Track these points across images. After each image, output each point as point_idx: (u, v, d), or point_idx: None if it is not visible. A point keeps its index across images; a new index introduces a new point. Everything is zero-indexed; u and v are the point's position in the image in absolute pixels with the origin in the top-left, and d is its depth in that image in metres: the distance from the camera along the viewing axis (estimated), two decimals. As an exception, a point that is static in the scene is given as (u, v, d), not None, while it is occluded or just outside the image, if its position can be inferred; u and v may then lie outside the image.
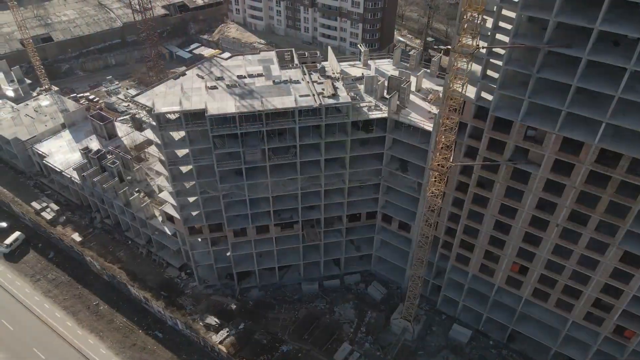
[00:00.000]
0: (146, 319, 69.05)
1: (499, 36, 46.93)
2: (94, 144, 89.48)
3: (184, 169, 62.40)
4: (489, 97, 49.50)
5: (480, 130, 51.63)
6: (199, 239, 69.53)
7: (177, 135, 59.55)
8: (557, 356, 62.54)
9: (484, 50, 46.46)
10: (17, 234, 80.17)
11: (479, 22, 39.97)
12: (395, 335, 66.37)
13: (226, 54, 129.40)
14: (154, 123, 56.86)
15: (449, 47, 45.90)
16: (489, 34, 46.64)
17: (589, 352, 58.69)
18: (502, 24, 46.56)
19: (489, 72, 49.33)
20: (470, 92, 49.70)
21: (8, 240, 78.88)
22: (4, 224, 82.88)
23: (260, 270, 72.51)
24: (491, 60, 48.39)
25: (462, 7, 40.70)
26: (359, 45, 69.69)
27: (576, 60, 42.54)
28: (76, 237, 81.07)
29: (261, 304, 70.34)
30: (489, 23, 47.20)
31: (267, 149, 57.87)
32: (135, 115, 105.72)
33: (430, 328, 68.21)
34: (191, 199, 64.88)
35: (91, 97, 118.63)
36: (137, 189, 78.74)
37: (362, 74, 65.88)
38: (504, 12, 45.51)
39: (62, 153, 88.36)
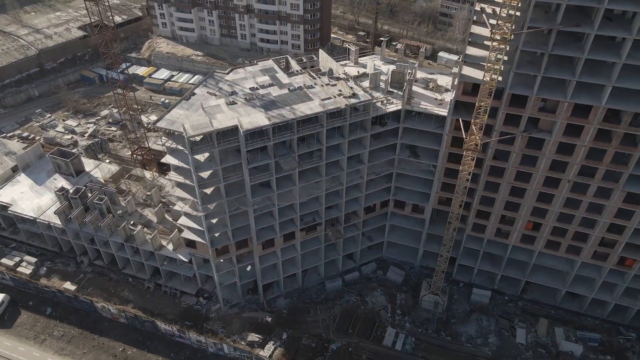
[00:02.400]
0: (183, 352, 66.01)
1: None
2: (62, 183, 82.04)
3: (207, 190, 60.65)
4: (499, 79, 55.14)
5: (493, 109, 57.22)
6: (221, 260, 67.86)
7: (200, 156, 57.86)
8: (566, 295, 71.31)
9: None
10: (0, 296, 71.38)
11: (514, 13, 44.88)
12: (428, 310, 70.76)
13: (192, 78, 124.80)
14: (181, 147, 54.81)
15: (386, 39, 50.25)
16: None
17: (595, 286, 67.90)
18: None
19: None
20: (480, 75, 55.05)
21: (-9, 306, 70.21)
22: (-22, 290, 73.45)
23: (282, 278, 72.68)
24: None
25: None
26: (347, 46, 72.28)
27: (577, 37, 49.57)
28: (69, 286, 74.24)
29: (295, 310, 70.72)
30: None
31: (297, 155, 58.55)
32: (91, 146, 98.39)
33: (453, 297, 73.66)
34: (214, 220, 63.16)
35: (25, 134, 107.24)
36: (132, 222, 74.27)
37: (358, 71, 68.74)
38: None
39: (27, 199, 79.76)
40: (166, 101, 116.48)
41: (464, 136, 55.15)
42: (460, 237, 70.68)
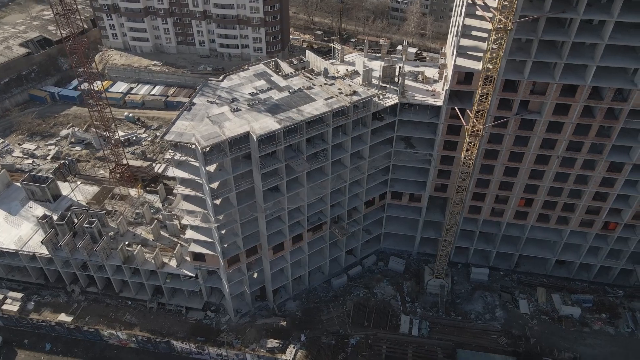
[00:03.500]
0: (203, 368, 64.46)
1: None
2: (39, 211, 77.13)
3: (217, 200, 59.50)
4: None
5: (485, 95, 60.34)
6: (229, 270, 66.77)
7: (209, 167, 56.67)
8: (555, 264, 76.41)
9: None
10: (-9, 338, 66.29)
11: (515, 4, 47.77)
12: (434, 294, 73.37)
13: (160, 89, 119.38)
14: (192, 159, 53.51)
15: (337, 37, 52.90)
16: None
17: (582, 252, 73.32)
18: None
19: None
20: (473, 65, 58.15)
21: (-20, 350, 64.95)
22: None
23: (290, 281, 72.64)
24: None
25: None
26: (333, 45, 73.04)
27: (560, 23, 53.74)
28: (64, 317, 70.08)
29: (308, 311, 70.93)
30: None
31: (306, 156, 58.81)
32: (57, 168, 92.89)
33: (453, 279, 76.82)
34: (223, 230, 62.07)
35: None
36: (126, 243, 71.28)
37: (347, 69, 69.86)
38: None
39: (4, 231, 74.26)
40: (130, 115, 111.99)
41: (465, 123, 57.85)
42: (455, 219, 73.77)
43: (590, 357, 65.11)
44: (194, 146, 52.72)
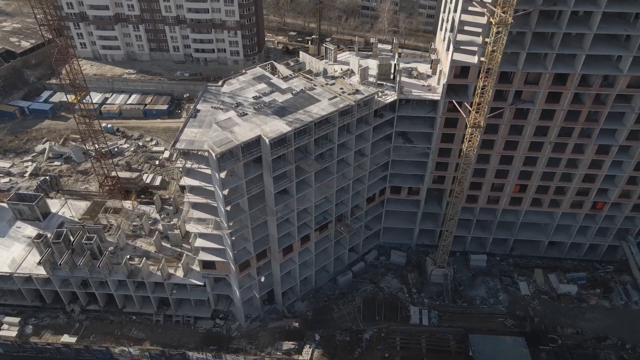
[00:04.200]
0: (221, 377, 63.75)
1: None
2: (29, 230, 74.13)
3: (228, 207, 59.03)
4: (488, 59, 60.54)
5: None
6: (241, 276, 66.33)
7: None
8: (547, 245, 79.93)
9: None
10: (-7, 367, 63.22)
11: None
12: (438, 284, 75.30)
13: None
14: (204, 167, 52.94)
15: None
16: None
17: (572, 232, 77.15)
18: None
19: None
20: (469, 59, 60.31)
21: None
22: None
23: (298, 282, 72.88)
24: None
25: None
26: (325, 45, 73.45)
27: (548, 15, 56.74)
28: (67, 339, 67.67)
29: (318, 311, 71.35)
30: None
31: (314, 156, 59.21)
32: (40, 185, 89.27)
33: (454, 267, 79.04)
34: (234, 236, 61.60)
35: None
36: (127, 256, 69.50)
37: (341, 68, 70.66)
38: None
39: (-6, 254, 70.92)
40: (108, 126, 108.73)
41: (465, 115, 59.80)
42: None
43: (590, 331, 68.62)
44: (206, 153, 52.16)
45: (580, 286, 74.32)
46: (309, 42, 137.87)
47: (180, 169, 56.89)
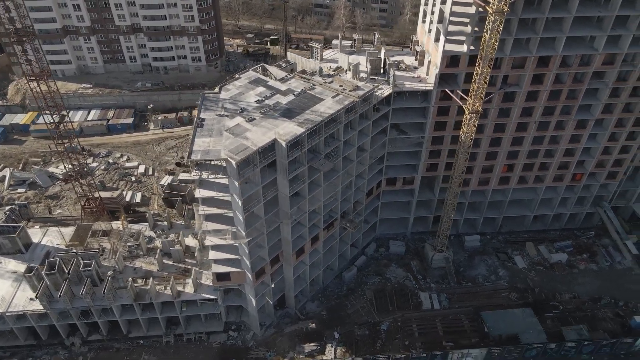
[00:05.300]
0: (248, 389, 62.33)
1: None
2: (12, 265, 68.67)
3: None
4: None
5: (470, 74, 65.07)
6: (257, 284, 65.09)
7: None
8: (532, 219, 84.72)
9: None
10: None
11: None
12: (440, 268, 77.70)
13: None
14: (221, 176, 51.52)
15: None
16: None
17: (554, 204, 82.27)
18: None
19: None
20: (460, 49, 62.69)
21: None
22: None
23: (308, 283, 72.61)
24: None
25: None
26: (312, 44, 73.20)
27: (529, 2, 60.22)
28: (73, 374, 63.58)
29: (332, 309, 71.48)
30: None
31: (323, 155, 59.19)
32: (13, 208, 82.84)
33: (450, 250, 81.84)
34: (250, 244, 60.27)
35: None
36: (130, 278, 66.17)
37: (329, 66, 70.91)
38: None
39: (-23, 295, 65.00)
40: (72, 145, 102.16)
41: (461, 103, 62.11)
42: (444, 195, 78.65)
43: (585, 294, 73.62)
44: (223, 162, 50.74)
45: (569, 253, 79.44)
46: (267, 42, 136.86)
47: (195, 180, 54.72)
